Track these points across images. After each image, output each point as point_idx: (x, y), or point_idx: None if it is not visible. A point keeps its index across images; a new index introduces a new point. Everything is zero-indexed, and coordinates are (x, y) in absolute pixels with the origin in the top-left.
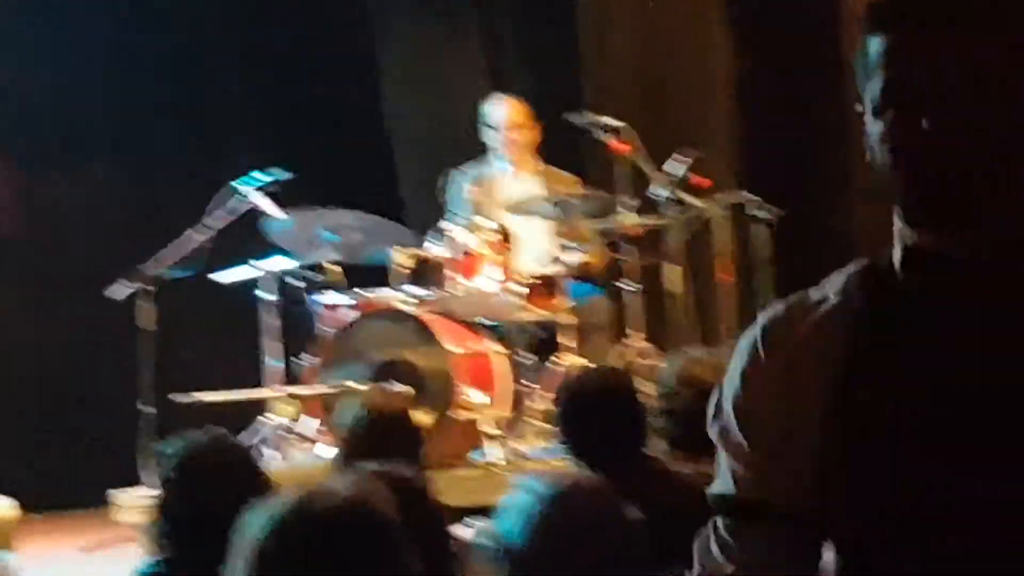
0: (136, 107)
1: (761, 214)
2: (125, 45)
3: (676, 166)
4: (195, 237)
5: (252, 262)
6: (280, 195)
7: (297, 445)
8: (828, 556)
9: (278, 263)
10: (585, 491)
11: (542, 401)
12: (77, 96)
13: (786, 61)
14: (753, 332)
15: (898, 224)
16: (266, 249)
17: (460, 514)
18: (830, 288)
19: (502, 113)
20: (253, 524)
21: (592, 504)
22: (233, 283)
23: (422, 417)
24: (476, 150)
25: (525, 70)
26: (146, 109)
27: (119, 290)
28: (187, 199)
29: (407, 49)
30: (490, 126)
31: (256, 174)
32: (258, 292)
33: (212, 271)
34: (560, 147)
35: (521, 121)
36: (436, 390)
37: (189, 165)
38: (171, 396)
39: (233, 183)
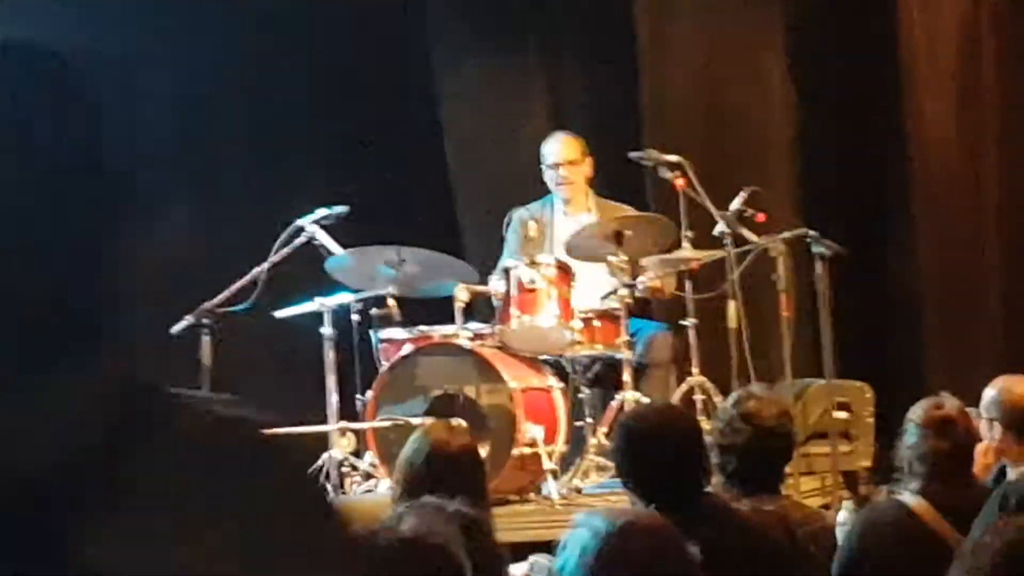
0: (204, 148)
1: (821, 249)
2: (193, 85)
3: (736, 202)
4: (254, 272)
5: (315, 298)
6: (342, 231)
7: (356, 480)
8: None
9: (340, 299)
10: (643, 528)
11: (601, 437)
12: (146, 137)
13: (845, 96)
14: None
15: None
16: (330, 285)
17: (519, 550)
18: None
19: (553, 149)
20: None
21: (650, 540)
22: (295, 318)
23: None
24: (537, 187)
25: (587, 109)
26: (215, 150)
27: (181, 326)
28: (255, 238)
29: (469, 89)
30: (545, 164)
31: (319, 211)
32: (322, 328)
33: (277, 307)
34: (624, 184)
35: (572, 156)
36: (498, 426)
37: (256, 205)
38: None
39: (297, 220)
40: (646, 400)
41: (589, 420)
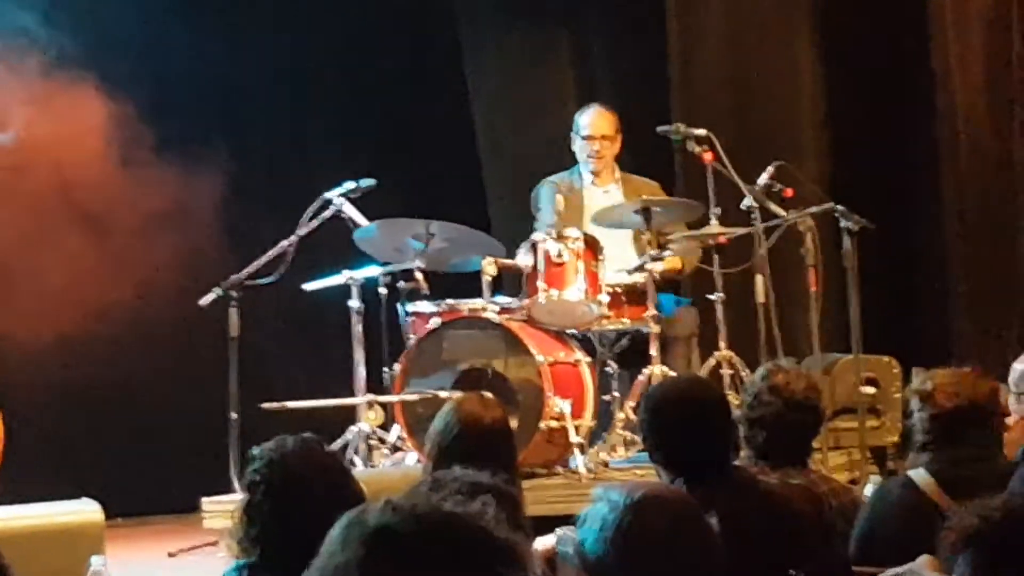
0: (235, 123)
1: (849, 224)
2: (227, 61)
3: (764, 176)
4: (282, 245)
5: (343, 271)
6: (369, 205)
7: (383, 453)
8: None
9: (367, 272)
10: (661, 500)
11: (628, 411)
12: (178, 107)
13: (874, 71)
14: None
15: None
16: (358, 258)
17: (546, 523)
18: None
19: (589, 122)
20: (339, 535)
21: (668, 513)
22: (323, 291)
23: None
24: (563, 161)
25: (615, 84)
26: (247, 125)
27: (208, 298)
28: (283, 210)
29: (497, 64)
30: (578, 134)
31: (347, 183)
32: (350, 301)
33: (304, 280)
34: (651, 159)
35: (607, 132)
36: (525, 399)
37: (284, 177)
38: (262, 405)
39: (325, 194)
40: (671, 373)
41: (616, 394)
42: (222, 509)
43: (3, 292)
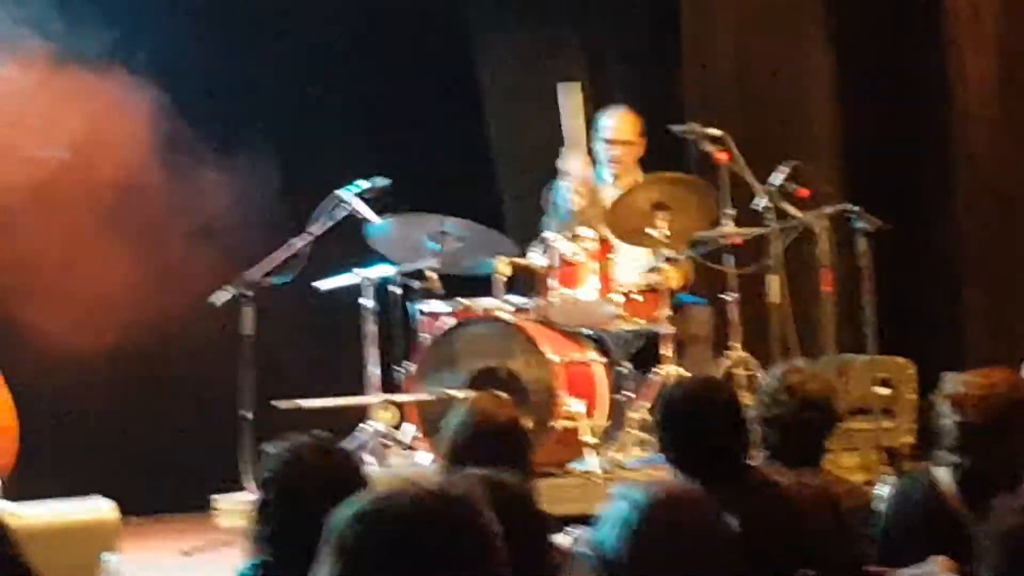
0: (244, 120)
1: (863, 225)
2: (238, 58)
3: (778, 176)
4: (296, 244)
5: (356, 270)
6: (383, 203)
7: (396, 452)
8: None
9: (380, 271)
10: (680, 501)
11: (642, 411)
12: (187, 108)
13: (887, 71)
14: None
15: None
16: (370, 257)
17: (559, 523)
18: None
19: (610, 125)
20: (339, 517)
21: (687, 514)
22: (336, 290)
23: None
24: None
25: (627, 82)
26: (254, 122)
27: (222, 296)
28: (296, 209)
29: (509, 62)
30: (599, 136)
31: (359, 182)
32: (361, 300)
33: (317, 279)
34: (664, 158)
35: (627, 137)
36: (538, 399)
37: (297, 176)
38: (273, 403)
39: (337, 191)
40: (687, 375)
41: (630, 394)
42: (235, 507)
43: (24, 294)
